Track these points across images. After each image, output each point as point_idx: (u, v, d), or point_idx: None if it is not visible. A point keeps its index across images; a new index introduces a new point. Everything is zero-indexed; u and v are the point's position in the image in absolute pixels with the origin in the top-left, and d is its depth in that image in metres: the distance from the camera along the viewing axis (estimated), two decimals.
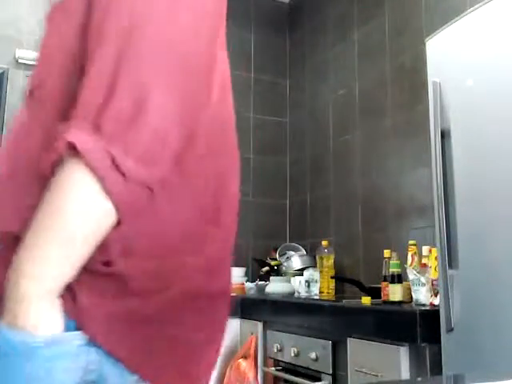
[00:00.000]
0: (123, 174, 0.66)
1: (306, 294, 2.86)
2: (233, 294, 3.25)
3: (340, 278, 3.08)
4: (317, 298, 2.84)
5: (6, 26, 3.34)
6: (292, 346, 2.51)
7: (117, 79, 0.68)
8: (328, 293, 2.97)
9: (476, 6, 1.71)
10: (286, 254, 3.51)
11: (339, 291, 3.09)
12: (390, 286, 2.23)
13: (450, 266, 1.71)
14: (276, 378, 2.67)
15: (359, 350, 2.08)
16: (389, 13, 3.08)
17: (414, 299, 2.11)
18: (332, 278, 3.00)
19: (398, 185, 2.88)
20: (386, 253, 2.34)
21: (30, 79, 0.88)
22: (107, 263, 0.70)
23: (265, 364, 2.77)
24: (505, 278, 1.54)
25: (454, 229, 1.72)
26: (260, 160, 3.94)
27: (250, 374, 2.69)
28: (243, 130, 3.92)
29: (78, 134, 0.66)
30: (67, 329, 0.68)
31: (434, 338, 1.77)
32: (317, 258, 3.09)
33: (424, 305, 2.02)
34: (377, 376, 1.94)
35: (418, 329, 1.80)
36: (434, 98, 1.81)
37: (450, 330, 1.70)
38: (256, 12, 4.10)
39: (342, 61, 3.48)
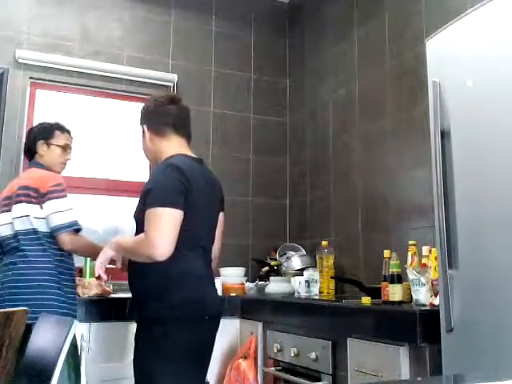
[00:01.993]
0: None
1: (306, 294, 2.86)
2: (233, 294, 3.24)
3: (340, 278, 3.07)
4: (317, 298, 2.83)
5: (6, 26, 3.34)
6: (292, 346, 2.51)
7: None
8: (328, 293, 2.97)
9: (476, 6, 1.71)
10: (286, 254, 3.51)
11: (339, 291, 3.09)
12: (390, 286, 2.23)
13: (450, 266, 1.71)
14: (276, 378, 2.67)
15: (359, 350, 2.08)
16: (389, 13, 3.08)
17: (413, 299, 2.10)
18: (332, 278, 3.00)
19: (398, 185, 2.88)
20: (386, 253, 2.34)
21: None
22: None
23: (265, 364, 2.77)
24: (505, 278, 1.54)
25: (453, 229, 1.72)
26: (260, 160, 3.94)
27: (250, 374, 2.69)
28: (243, 129, 3.92)
29: None
30: None
31: (433, 337, 1.77)
32: (317, 258, 3.09)
33: (424, 305, 2.02)
34: (377, 376, 1.94)
35: (418, 329, 1.80)
36: (434, 98, 1.81)
37: (449, 330, 1.70)
38: (256, 12, 4.09)
39: (342, 61, 3.48)
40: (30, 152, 2.51)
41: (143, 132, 2.17)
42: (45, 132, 2.50)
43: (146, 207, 1.91)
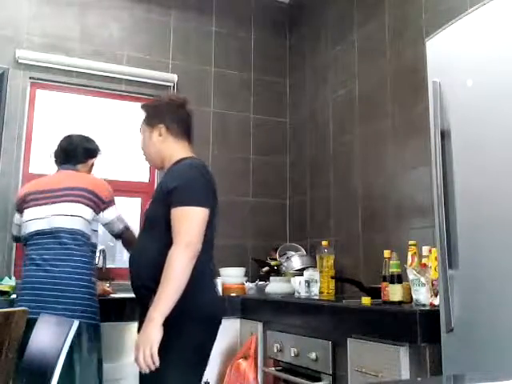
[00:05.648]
0: None
1: (306, 294, 2.86)
2: (233, 294, 3.24)
3: (340, 278, 3.07)
4: (317, 298, 2.83)
5: (6, 26, 3.34)
6: (292, 346, 2.51)
7: None
8: (328, 293, 2.97)
9: (476, 6, 1.71)
10: (286, 254, 3.51)
11: (339, 291, 3.09)
12: (390, 286, 2.23)
13: (450, 266, 1.71)
14: (276, 379, 2.67)
15: (359, 350, 2.08)
16: (389, 13, 3.08)
17: (414, 299, 2.10)
18: (332, 278, 3.00)
19: (398, 185, 2.88)
20: (386, 253, 2.34)
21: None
22: None
23: (265, 364, 2.77)
24: (505, 278, 1.54)
25: (453, 229, 1.72)
26: (260, 160, 3.94)
27: (250, 375, 2.69)
28: (243, 129, 3.92)
29: None
30: None
31: (434, 337, 1.77)
32: (317, 258, 3.09)
33: (424, 305, 2.02)
34: (377, 376, 1.94)
35: (418, 329, 1.80)
36: (434, 98, 1.81)
37: (449, 330, 1.70)
38: (256, 12, 4.10)
39: (342, 61, 3.48)
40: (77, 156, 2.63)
41: (155, 131, 2.13)
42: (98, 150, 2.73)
43: (175, 205, 1.90)
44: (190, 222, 1.88)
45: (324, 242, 3.09)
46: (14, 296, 2.84)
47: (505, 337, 1.52)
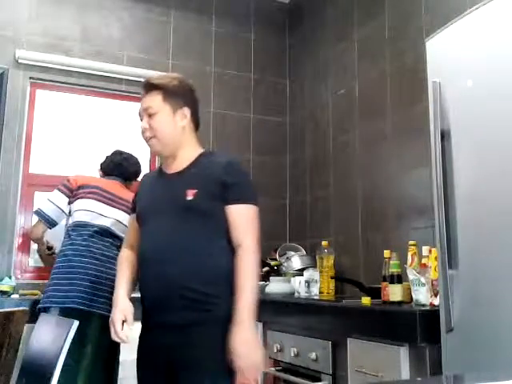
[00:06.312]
0: None
1: (306, 295, 2.86)
2: None
3: (340, 278, 3.07)
4: (317, 298, 2.83)
5: (6, 26, 3.34)
6: (292, 347, 2.51)
7: None
8: (328, 293, 2.97)
9: (476, 6, 1.71)
10: (286, 254, 3.50)
11: (339, 291, 3.09)
12: (390, 286, 2.23)
13: (450, 266, 1.71)
14: (276, 379, 2.67)
15: (359, 350, 2.08)
16: (389, 13, 3.08)
17: (414, 299, 2.10)
18: (332, 278, 3.00)
19: (398, 185, 2.88)
20: (386, 253, 2.34)
21: None
22: None
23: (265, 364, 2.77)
24: (505, 278, 1.54)
25: (453, 229, 1.72)
26: (260, 160, 3.94)
27: None
28: (243, 130, 3.92)
29: None
30: None
31: (434, 338, 1.76)
32: (317, 258, 3.09)
33: (424, 305, 2.02)
34: (377, 376, 1.94)
35: (418, 329, 1.80)
36: (434, 98, 1.81)
37: (449, 330, 1.70)
38: (256, 12, 4.10)
39: (342, 61, 3.48)
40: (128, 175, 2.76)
41: (179, 112, 1.86)
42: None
43: (236, 201, 1.79)
44: (255, 222, 1.82)
45: (324, 242, 3.09)
46: (13, 296, 2.84)
47: (505, 337, 1.52)
